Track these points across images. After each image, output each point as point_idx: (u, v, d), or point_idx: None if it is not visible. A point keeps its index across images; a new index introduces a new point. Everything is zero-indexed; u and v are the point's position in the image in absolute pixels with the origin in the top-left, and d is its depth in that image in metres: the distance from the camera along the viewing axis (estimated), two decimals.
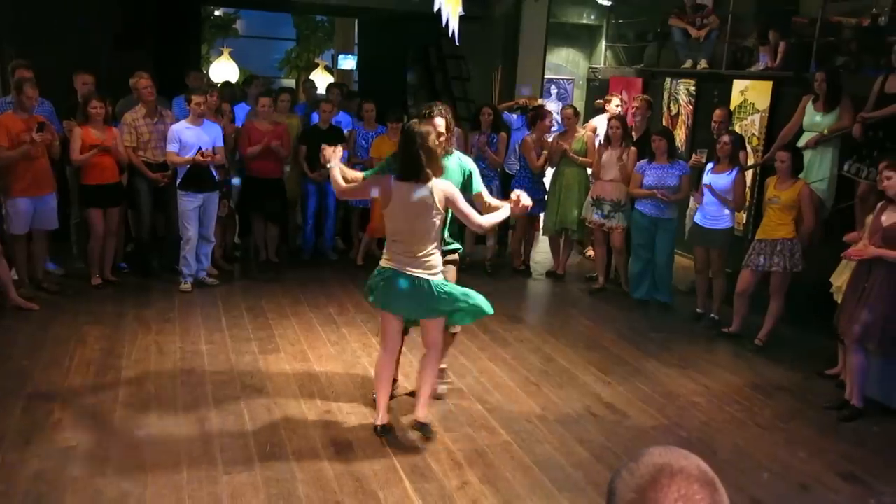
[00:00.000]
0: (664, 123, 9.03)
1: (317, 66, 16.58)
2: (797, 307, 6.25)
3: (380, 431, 4.40)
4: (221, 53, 15.38)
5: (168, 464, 3.97)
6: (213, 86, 8.73)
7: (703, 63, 8.80)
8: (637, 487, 1.13)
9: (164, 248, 7.43)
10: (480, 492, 3.88)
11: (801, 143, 6.52)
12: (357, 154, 8.02)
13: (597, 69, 11.27)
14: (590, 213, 7.52)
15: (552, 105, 10.54)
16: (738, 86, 8.15)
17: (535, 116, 7.90)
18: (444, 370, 5.04)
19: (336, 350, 5.75)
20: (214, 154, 6.77)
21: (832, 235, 5.95)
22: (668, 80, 9.37)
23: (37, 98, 6.28)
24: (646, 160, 7.01)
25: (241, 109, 8.26)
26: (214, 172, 6.93)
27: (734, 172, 6.44)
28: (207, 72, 14.21)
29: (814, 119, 6.54)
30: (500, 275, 8.02)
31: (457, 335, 4.90)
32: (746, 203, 7.29)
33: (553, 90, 11.65)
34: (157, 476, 3.84)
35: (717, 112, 7.25)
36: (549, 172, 8.04)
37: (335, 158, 4.52)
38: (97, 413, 4.50)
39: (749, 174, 7.45)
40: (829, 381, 5.53)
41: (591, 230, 7.70)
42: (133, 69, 7.21)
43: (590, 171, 7.71)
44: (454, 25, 5.49)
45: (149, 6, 8.99)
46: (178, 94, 7.56)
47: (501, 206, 4.45)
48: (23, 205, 6.21)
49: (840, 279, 5.37)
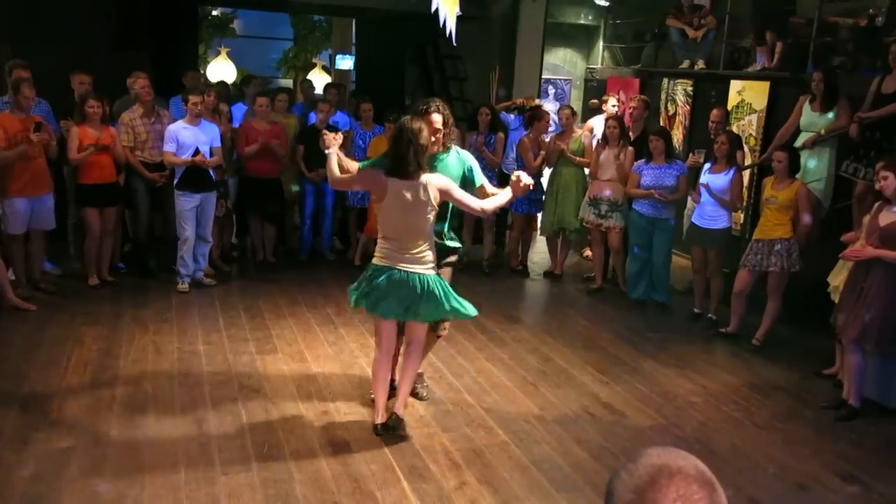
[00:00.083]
0: (661, 124, 9.04)
1: (314, 66, 16.59)
2: (794, 307, 6.25)
3: (380, 430, 4.39)
4: (219, 53, 15.37)
5: (165, 464, 3.96)
6: (211, 85, 8.71)
7: (701, 63, 8.81)
8: (636, 488, 1.13)
9: (162, 249, 7.42)
10: (478, 492, 3.88)
11: (799, 144, 6.53)
12: (354, 154, 8.01)
13: (594, 69, 11.28)
14: (587, 213, 7.53)
15: (550, 105, 10.55)
16: (736, 86, 8.16)
17: (533, 117, 7.91)
18: (422, 374, 5.01)
19: (334, 350, 5.74)
20: (212, 155, 6.78)
21: (829, 235, 5.95)
22: (666, 81, 9.38)
23: (34, 98, 6.26)
24: (643, 160, 7.01)
25: (239, 109, 8.25)
26: (212, 172, 6.92)
27: (731, 172, 6.45)
28: (205, 72, 14.21)
29: (811, 119, 6.55)
30: (498, 275, 8.02)
31: (441, 338, 4.88)
32: (744, 203, 7.30)
33: (551, 90, 11.65)
34: (155, 477, 3.84)
35: (714, 112, 7.25)
36: (547, 173, 8.04)
37: (335, 146, 4.55)
38: (94, 414, 4.49)
39: (746, 174, 7.46)
40: (827, 381, 5.54)
41: (589, 230, 7.71)
42: (130, 69, 7.21)
43: (587, 172, 7.72)
44: (451, 25, 5.50)
45: (146, 6, 8.98)
46: (176, 94, 7.55)
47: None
48: (20, 205, 6.19)
49: (837, 279, 5.38)
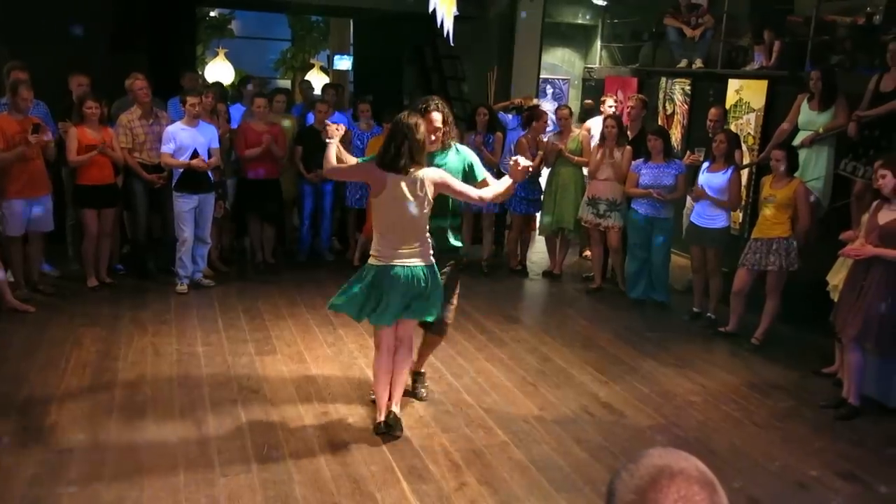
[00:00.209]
0: (659, 123, 9.04)
1: (312, 67, 16.57)
2: (793, 306, 6.25)
3: (382, 429, 4.38)
4: (217, 54, 15.36)
5: (165, 466, 3.96)
6: (208, 86, 8.71)
7: (699, 62, 8.81)
8: (637, 488, 1.13)
9: (160, 250, 7.41)
10: (478, 492, 3.87)
11: (797, 142, 6.53)
12: (353, 154, 8.00)
13: (592, 69, 11.29)
14: (586, 213, 7.53)
15: (548, 105, 10.55)
16: (734, 85, 8.17)
17: (531, 117, 7.91)
18: (423, 374, 5.02)
19: (333, 351, 5.74)
20: (210, 157, 6.77)
21: (828, 234, 5.95)
22: (664, 80, 9.38)
23: (32, 99, 6.26)
24: (641, 160, 7.01)
25: (237, 110, 8.25)
26: (210, 174, 6.92)
27: (729, 171, 6.44)
28: (203, 73, 14.20)
29: (809, 118, 6.55)
30: (497, 275, 8.01)
31: (441, 340, 4.89)
32: (742, 202, 7.30)
33: (549, 90, 11.65)
34: (154, 479, 3.83)
35: (713, 111, 7.26)
36: (545, 172, 8.04)
37: (337, 136, 4.57)
38: (93, 416, 4.48)
39: (745, 173, 7.47)
40: (826, 380, 5.54)
41: (588, 230, 7.71)
42: (128, 70, 7.21)
43: (585, 171, 7.72)
44: (449, 26, 5.50)
45: (144, 7, 8.97)
46: (174, 96, 7.54)
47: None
48: (18, 206, 6.19)
49: (836, 278, 5.38)
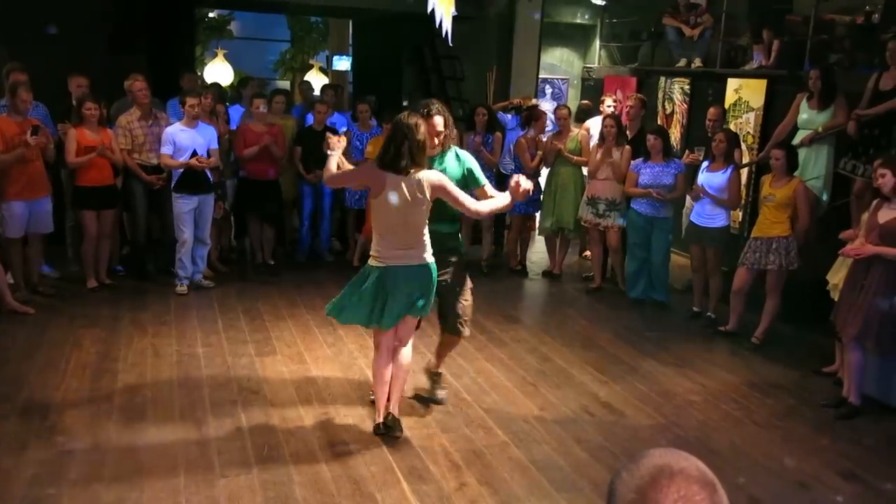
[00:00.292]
0: (659, 122, 9.04)
1: (311, 68, 16.57)
2: (793, 305, 6.25)
3: (381, 430, 4.38)
4: (216, 55, 15.36)
5: (165, 467, 3.95)
6: (207, 87, 8.70)
7: (698, 62, 8.81)
8: (637, 488, 1.13)
9: (160, 251, 7.41)
10: (478, 493, 3.87)
11: (796, 141, 6.53)
12: (352, 155, 8.00)
13: (591, 68, 11.28)
14: (585, 213, 7.53)
15: (547, 105, 10.55)
16: (733, 84, 8.16)
17: (530, 117, 7.91)
18: (441, 374, 5.01)
19: (333, 352, 5.74)
20: (209, 157, 6.77)
21: (828, 233, 5.95)
22: (663, 79, 9.38)
23: (31, 101, 6.26)
24: (641, 159, 7.01)
25: (236, 111, 8.25)
26: (209, 175, 6.92)
27: (729, 171, 6.44)
28: (202, 74, 14.20)
29: (808, 117, 6.55)
30: (497, 275, 8.01)
31: (459, 340, 4.84)
32: (742, 201, 7.30)
33: (548, 90, 11.65)
34: (154, 480, 3.83)
35: (711, 111, 7.26)
36: (545, 172, 8.04)
37: (339, 149, 4.55)
38: (93, 417, 4.48)
39: (744, 172, 7.47)
40: (827, 379, 5.53)
41: (587, 230, 7.71)
42: (127, 71, 7.21)
43: (585, 171, 7.72)
44: (447, 26, 5.50)
45: (142, 8, 8.97)
46: (173, 97, 7.54)
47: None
48: (18, 208, 6.18)
49: (836, 277, 5.37)
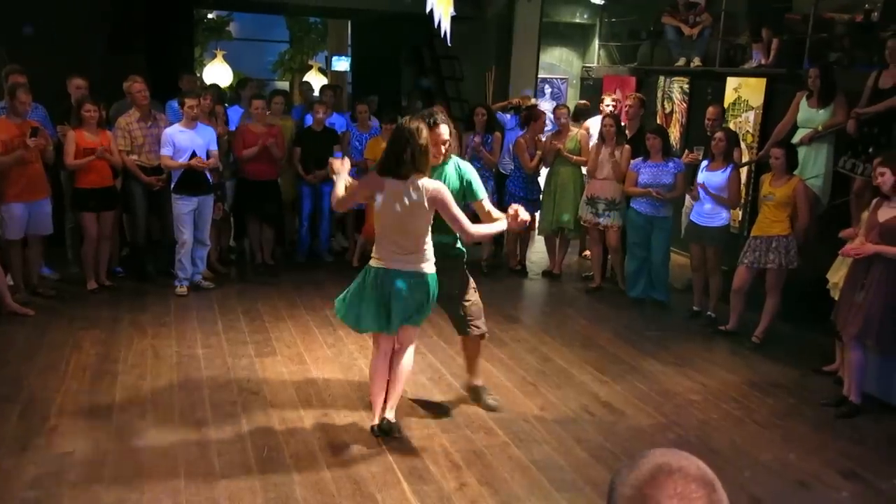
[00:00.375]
0: (658, 122, 9.04)
1: (310, 68, 16.58)
2: (793, 304, 6.25)
3: (376, 431, 4.38)
4: (215, 56, 15.37)
5: (165, 469, 3.95)
6: (206, 88, 8.70)
7: (697, 61, 8.81)
8: (635, 485, 1.15)
9: (160, 252, 7.41)
10: (479, 493, 3.87)
11: (796, 140, 6.53)
12: (351, 156, 8.00)
13: (590, 68, 11.29)
14: (585, 212, 7.53)
15: (546, 104, 10.55)
16: (732, 83, 8.16)
17: (529, 117, 7.90)
18: (482, 387, 4.93)
19: (332, 352, 5.74)
20: (209, 158, 6.77)
21: (828, 232, 5.95)
22: (662, 79, 9.38)
23: (30, 103, 6.26)
24: (640, 158, 7.00)
25: (235, 112, 8.24)
26: (209, 175, 6.92)
27: (728, 170, 6.44)
28: (201, 75, 14.20)
29: (808, 115, 6.54)
30: (497, 275, 8.01)
31: (479, 342, 4.80)
32: (741, 200, 7.30)
33: (547, 89, 11.66)
34: (155, 481, 3.83)
35: (710, 110, 7.26)
36: (544, 172, 8.04)
37: (344, 171, 4.41)
38: (94, 418, 4.48)
39: (744, 171, 7.46)
40: (827, 378, 5.53)
41: (587, 229, 7.70)
42: (126, 73, 7.21)
43: (584, 171, 7.71)
44: (446, 26, 5.50)
45: (141, 9, 8.97)
46: (172, 98, 7.54)
47: (500, 216, 4.36)
48: (17, 210, 6.18)
49: (836, 275, 5.37)
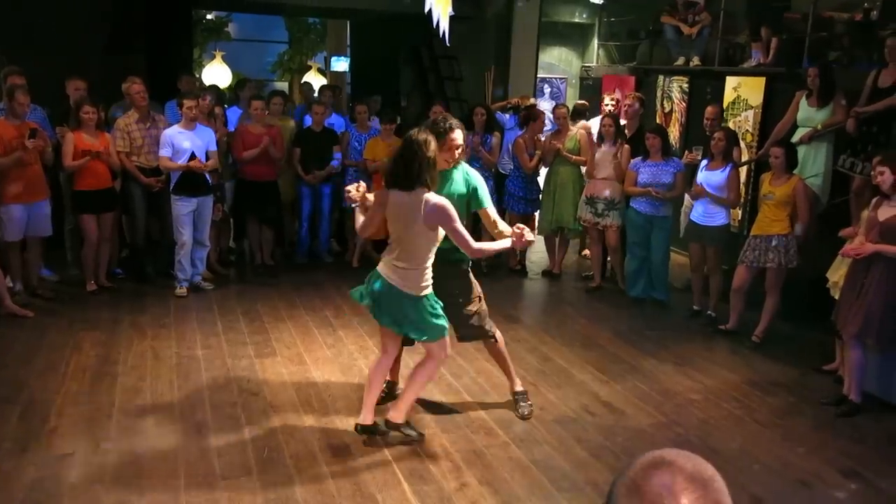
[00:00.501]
0: (658, 121, 9.04)
1: (309, 69, 16.58)
2: (793, 303, 6.25)
3: (359, 430, 4.34)
4: (214, 57, 15.37)
5: (165, 470, 3.95)
6: (205, 89, 8.69)
7: (696, 60, 8.81)
8: (631, 476, 1.18)
9: (159, 254, 7.40)
10: (479, 493, 3.87)
11: (796, 139, 6.53)
12: (350, 156, 8.00)
13: (590, 67, 11.28)
14: (584, 212, 7.52)
15: (545, 104, 10.55)
16: (731, 82, 8.16)
17: (528, 117, 7.90)
18: (526, 393, 4.88)
19: (332, 353, 5.73)
20: (208, 160, 6.76)
21: (827, 231, 5.95)
22: (661, 78, 9.38)
23: (28, 104, 6.25)
24: (640, 158, 7.00)
25: (234, 113, 8.24)
26: (208, 177, 6.92)
27: (728, 169, 6.44)
28: (200, 76, 14.20)
29: (807, 114, 6.54)
30: (497, 275, 8.00)
31: (498, 344, 4.74)
32: (741, 199, 7.29)
33: (546, 89, 11.66)
34: (155, 482, 3.82)
35: (709, 109, 7.26)
36: (543, 171, 8.04)
37: (359, 198, 4.29)
38: (93, 420, 4.47)
39: (743, 170, 7.46)
40: (827, 377, 5.53)
41: (586, 229, 7.70)
42: (125, 74, 7.20)
43: (583, 170, 7.71)
44: (444, 26, 5.50)
45: (140, 10, 8.97)
46: (171, 99, 7.53)
47: (504, 229, 4.33)
48: (16, 211, 6.17)
49: (836, 275, 5.37)
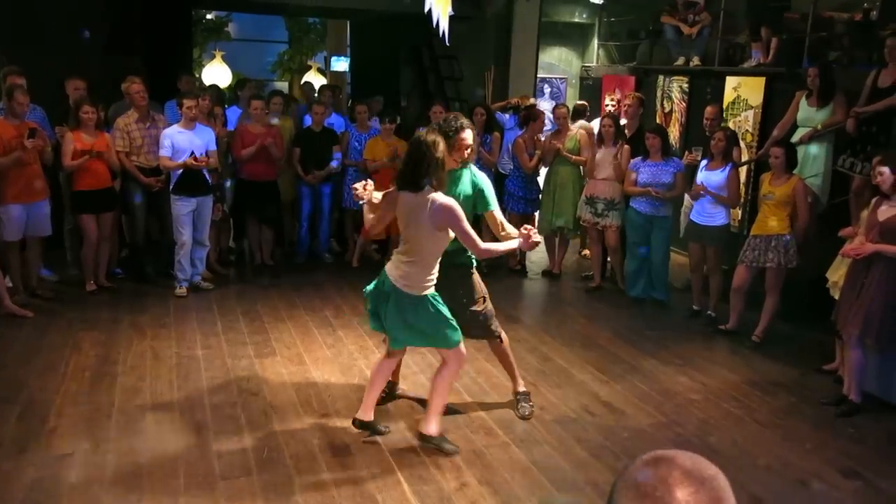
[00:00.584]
0: (658, 121, 9.03)
1: (309, 69, 16.58)
2: (793, 303, 6.24)
3: (357, 425, 4.34)
4: (213, 57, 15.37)
5: (165, 470, 3.95)
6: (205, 89, 8.69)
7: (696, 60, 8.81)
8: (631, 472, 1.20)
9: (159, 253, 7.40)
10: (479, 493, 3.87)
11: (795, 139, 6.53)
12: (350, 156, 8.00)
13: (589, 67, 11.28)
14: (584, 212, 7.52)
15: (545, 104, 10.55)
16: (731, 82, 8.16)
17: (528, 117, 7.90)
18: (528, 394, 4.88)
19: (332, 353, 5.73)
20: (208, 158, 6.76)
21: (827, 231, 5.95)
22: (661, 78, 9.38)
23: (28, 104, 6.25)
24: (640, 158, 7.00)
25: (233, 113, 8.24)
26: (208, 176, 6.91)
27: (727, 169, 6.44)
28: (200, 75, 14.20)
29: (807, 114, 6.54)
30: (497, 275, 7.98)
31: (503, 344, 4.74)
32: (741, 199, 7.29)
33: (546, 89, 11.65)
34: (155, 483, 3.82)
35: (709, 109, 7.26)
36: (543, 171, 8.03)
37: (367, 196, 4.28)
38: (93, 420, 4.47)
39: (743, 170, 7.46)
40: (827, 377, 5.53)
41: (586, 229, 7.70)
42: (125, 73, 7.20)
43: (583, 170, 7.70)
44: (444, 26, 5.50)
45: (139, 10, 8.96)
46: (170, 99, 7.53)
47: (511, 231, 4.32)
48: (15, 211, 6.17)
49: (836, 274, 5.37)
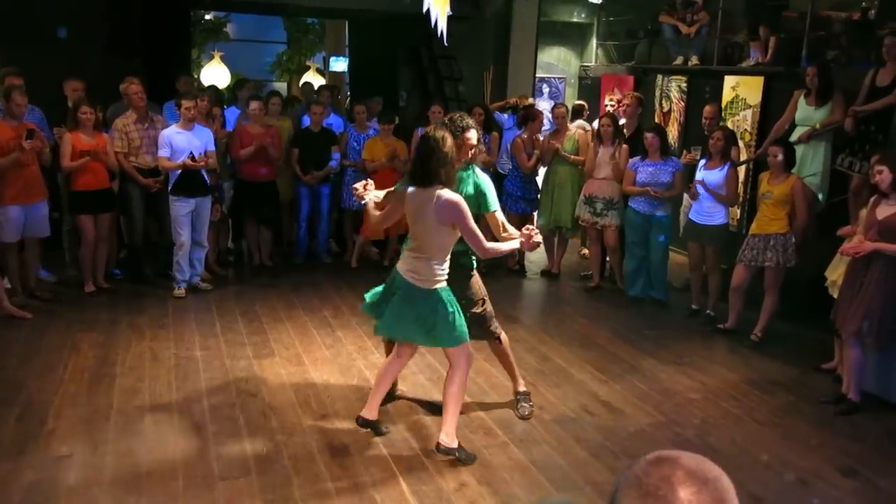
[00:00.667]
0: (656, 120, 9.03)
1: (308, 69, 16.57)
2: (792, 302, 6.24)
3: (360, 423, 4.36)
4: (212, 57, 15.35)
5: (164, 471, 3.94)
6: (204, 90, 8.68)
7: (694, 59, 8.81)
8: (634, 471, 1.21)
9: (157, 254, 7.40)
10: (478, 493, 3.86)
11: (794, 138, 6.53)
12: (349, 156, 8.00)
13: (588, 67, 11.28)
14: (583, 212, 7.52)
15: (544, 104, 10.55)
16: (730, 81, 8.16)
17: (526, 116, 7.90)
18: (528, 394, 4.88)
19: (331, 353, 5.73)
20: (206, 159, 6.75)
21: (826, 230, 5.95)
22: (660, 77, 9.38)
23: (26, 105, 6.24)
24: (638, 157, 7.00)
25: (232, 113, 8.23)
26: (206, 177, 6.91)
27: (726, 168, 6.44)
28: (199, 76, 14.18)
29: (806, 114, 6.54)
30: (495, 274, 7.97)
31: (501, 342, 4.74)
32: (740, 198, 7.29)
33: (545, 89, 11.65)
34: (154, 484, 3.82)
35: (707, 109, 7.26)
36: (542, 171, 8.03)
37: (368, 195, 4.32)
38: (92, 421, 4.47)
39: (742, 169, 7.47)
40: (826, 376, 5.53)
41: (585, 229, 7.70)
42: (123, 74, 7.19)
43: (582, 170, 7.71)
44: (443, 25, 5.49)
45: (138, 11, 8.95)
46: (169, 99, 7.52)
47: (512, 232, 4.34)
48: (14, 212, 6.16)
49: (835, 273, 5.37)
